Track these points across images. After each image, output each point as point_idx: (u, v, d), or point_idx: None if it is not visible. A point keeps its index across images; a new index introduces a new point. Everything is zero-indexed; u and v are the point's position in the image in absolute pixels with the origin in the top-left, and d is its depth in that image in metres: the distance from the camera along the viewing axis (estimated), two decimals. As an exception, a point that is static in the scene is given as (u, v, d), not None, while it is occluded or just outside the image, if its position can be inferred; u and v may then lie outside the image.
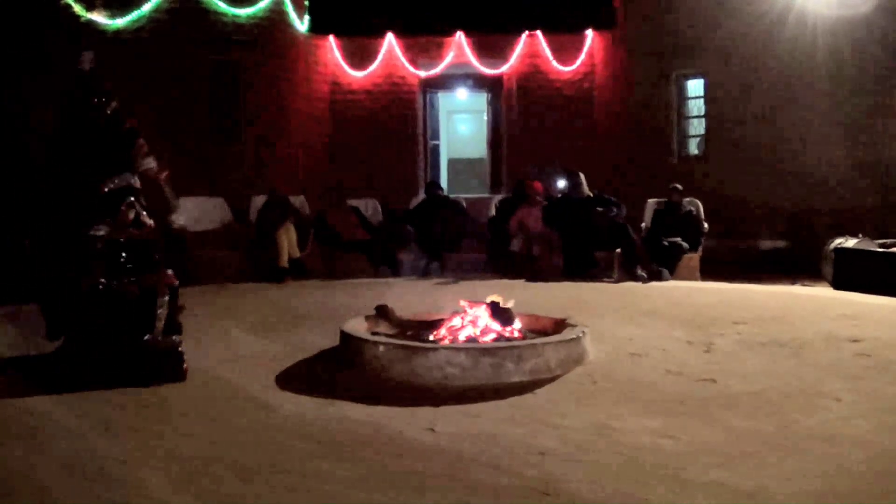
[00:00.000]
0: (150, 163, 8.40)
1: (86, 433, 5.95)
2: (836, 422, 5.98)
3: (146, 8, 17.72)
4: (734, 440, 5.58)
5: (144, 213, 7.92)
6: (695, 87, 18.99)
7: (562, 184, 16.35)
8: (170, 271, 7.80)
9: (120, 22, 17.62)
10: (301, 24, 19.93)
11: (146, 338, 7.48)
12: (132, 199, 7.87)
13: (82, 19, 17.40)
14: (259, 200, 16.03)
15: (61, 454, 5.47)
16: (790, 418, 6.04)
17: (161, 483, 4.96)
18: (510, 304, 8.43)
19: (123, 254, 7.65)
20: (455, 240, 15.88)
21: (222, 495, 4.83)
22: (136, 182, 8.01)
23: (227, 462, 5.31)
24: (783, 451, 5.38)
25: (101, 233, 7.66)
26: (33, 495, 4.83)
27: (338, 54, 20.89)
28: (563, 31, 21.02)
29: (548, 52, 20.98)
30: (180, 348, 7.68)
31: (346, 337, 8.12)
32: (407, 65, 21.02)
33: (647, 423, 5.97)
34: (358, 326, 8.39)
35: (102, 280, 7.55)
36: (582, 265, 14.05)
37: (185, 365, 7.64)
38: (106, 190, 7.80)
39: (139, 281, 7.61)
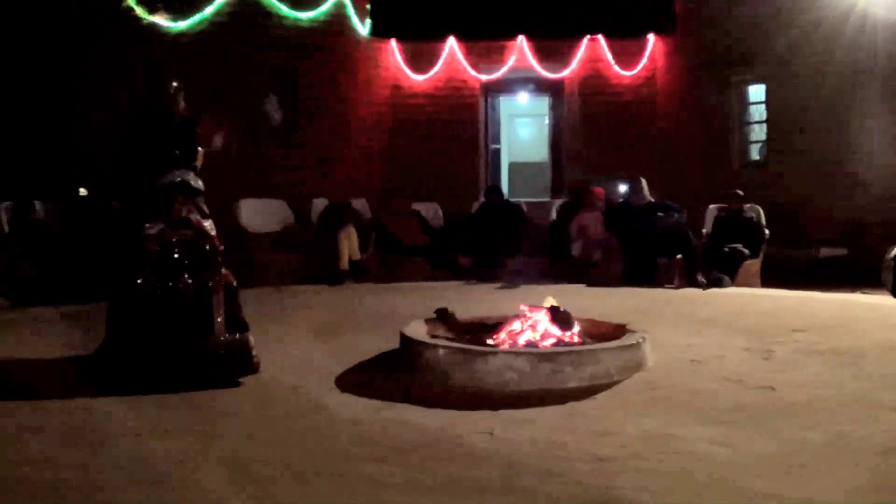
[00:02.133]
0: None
1: (143, 434, 6.05)
2: (892, 433, 5.94)
3: (208, 11, 17.85)
4: (789, 450, 5.56)
5: (200, 215, 7.97)
6: (756, 92, 18.89)
7: (623, 189, 16.30)
8: (226, 270, 7.87)
9: (182, 25, 17.77)
10: (363, 28, 20.01)
11: (209, 338, 7.56)
12: (183, 196, 7.92)
13: (144, 22, 17.56)
14: (320, 203, 16.16)
15: (118, 455, 5.57)
16: (846, 429, 6.00)
17: (217, 485, 5.04)
18: (552, 303, 8.47)
19: (177, 253, 7.72)
20: (515, 244, 15.89)
21: (278, 498, 4.88)
22: (196, 182, 8.06)
23: (284, 464, 5.38)
24: (837, 463, 5.36)
25: (154, 231, 7.74)
26: (90, 496, 4.91)
27: (399, 58, 20.91)
28: (625, 36, 20.93)
29: (609, 56, 20.91)
30: (249, 342, 7.75)
31: (405, 340, 8.18)
32: (468, 68, 21.01)
33: (704, 431, 5.97)
34: (418, 329, 8.43)
35: (155, 280, 7.63)
36: (642, 271, 14.01)
37: (256, 359, 7.72)
38: (160, 185, 7.87)
39: (195, 281, 7.68)
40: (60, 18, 17.01)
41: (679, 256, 14.07)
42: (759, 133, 18.91)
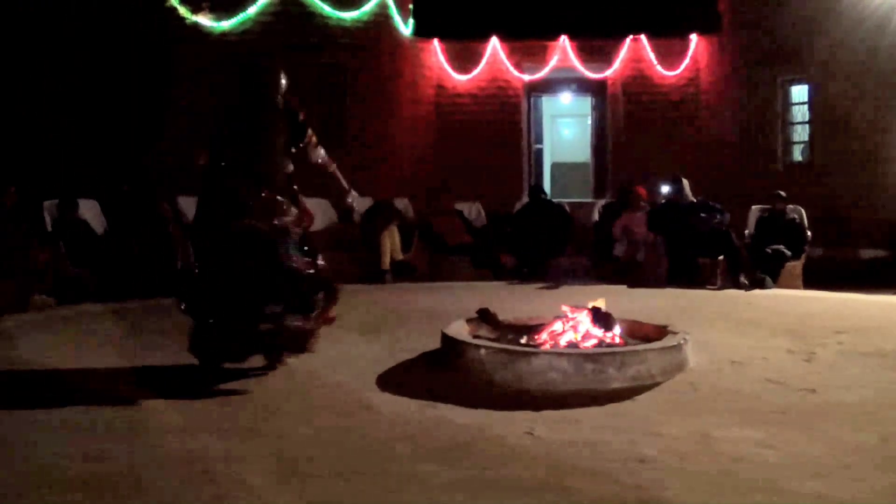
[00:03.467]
0: (321, 153, 8.56)
1: (190, 430, 6.11)
2: (937, 435, 5.93)
3: (251, 11, 17.94)
4: (833, 451, 5.56)
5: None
6: (799, 92, 18.79)
7: (666, 189, 16.28)
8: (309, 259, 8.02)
9: (225, 25, 17.87)
10: (406, 28, 20.03)
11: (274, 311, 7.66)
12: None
13: (188, 21, 17.67)
14: (364, 203, 16.19)
15: (165, 451, 5.63)
16: (889, 430, 5.98)
17: (263, 482, 5.08)
18: (598, 303, 8.46)
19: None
20: (558, 244, 15.89)
21: (322, 496, 4.92)
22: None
23: (328, 462, 5.43)
24: (881, 464, 5.35)
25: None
26: (137, 492, 4.96)
27: (442, 58, 20.92)
28: (668, 36, 20.87)
29: (652, 56, 20.85)
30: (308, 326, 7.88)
31: (447, 339, 8.20)
32: (511, 68, 21.01)
33: (747, 432, 5.97)
34: (460, 329, 8.45)
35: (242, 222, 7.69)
36: (685, 272, 13.99)
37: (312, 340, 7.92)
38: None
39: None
40: (105, 19, 17.15)
41: (721, 257, 14.04)
42: (802, 134, 18.82)
